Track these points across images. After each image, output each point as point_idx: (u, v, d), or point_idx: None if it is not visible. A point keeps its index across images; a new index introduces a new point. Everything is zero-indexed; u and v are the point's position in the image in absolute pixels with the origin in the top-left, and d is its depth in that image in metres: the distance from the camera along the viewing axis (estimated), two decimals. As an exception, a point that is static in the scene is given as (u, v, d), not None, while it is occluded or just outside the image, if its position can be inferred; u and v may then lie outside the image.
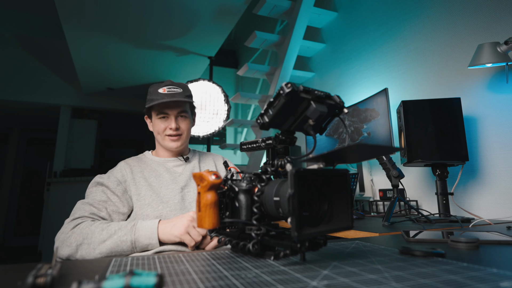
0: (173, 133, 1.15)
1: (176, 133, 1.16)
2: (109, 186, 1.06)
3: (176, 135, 1.16)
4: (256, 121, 0.57)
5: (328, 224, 0.52)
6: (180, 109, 1.15)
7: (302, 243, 0.50)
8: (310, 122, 0.54)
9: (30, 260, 4.61)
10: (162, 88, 1.13)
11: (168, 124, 1.15)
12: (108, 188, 1.06)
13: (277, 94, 0.52)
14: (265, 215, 0.56)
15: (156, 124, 1.17)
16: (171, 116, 1.15)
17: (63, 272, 0.49)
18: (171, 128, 1.15)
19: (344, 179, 0.52)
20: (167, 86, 1.14)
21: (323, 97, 0.55)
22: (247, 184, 0.59)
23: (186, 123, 1.19)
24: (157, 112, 1.15)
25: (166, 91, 1.12)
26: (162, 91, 1.12)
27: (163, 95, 1.11)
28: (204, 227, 0.58)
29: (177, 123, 1.16)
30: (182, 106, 1.16)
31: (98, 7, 2.74)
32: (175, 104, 1.14)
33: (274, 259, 0.53)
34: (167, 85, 1.15)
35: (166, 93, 1.12)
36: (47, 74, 4.89)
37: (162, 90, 1.13)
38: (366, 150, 0.54)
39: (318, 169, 0.50)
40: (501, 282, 0.39)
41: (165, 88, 1.13)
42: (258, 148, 0.65)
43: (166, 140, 1.17)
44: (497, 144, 1.38)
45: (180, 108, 1.15)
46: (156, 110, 1.16)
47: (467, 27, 1.55)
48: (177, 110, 1.15)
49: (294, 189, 0.44)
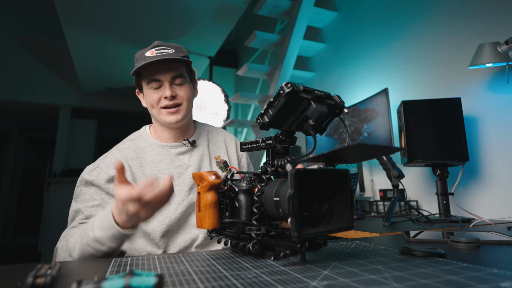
0: (169, 103, 0.92)
1: (174, 102, 0.93)
2: (101, 186, 0.88)
3: (174, 106, 0.93)
4: (256, 121, 0.57)
5: (328, 224, 0.52)
6: (175, 72, 0.92)
7: (302, 243, 0.50)
8: (310, 122, 0.54)
9: (30, 260, 4.61)
10: (149, 51, 0.91)
11: (162, 93, 0.92)
12: (99, 187, 0.88)
13: (277, 94, 0.52)
14: (265, 215, 0.56)
15: (148, 96, 0.94)
16: (165, 83, 0.92)
17: (63, 272, 0.49)
18: (166, 97, 0.92)
19: (344, 179, 0.52)
20: (156, 48, 0.92)
21: (323, 97, 0.55)
22: (247, 184, 0.59)
23: (184, 90, 0.95)
24: (147, 79, 0.93)
25: (155, 53, 0.90)
26: (150, 54, 0.90)
27: (151, 58, 0.89)
28: (204, 227, 0.57)
29: (173, 90, 0.93)
30: (177, 69, 0.93)
31: (98, 7, 2.73)
32: (168, 66, 0.91)
33: (274, 259, 0.53)
34: (155, 46, 0.92)
35: (155, 55, 0.89)
36: (47, 74, 4.88)
37: (149, 53, 0.90)
38: (366, 150, 0.54)
39: (318, 169, 0.50)
40: (501, 282, 0.39)
41: (153, 50, 0.91)
42: (258, 148, 0.65)
43: (162, 114, 0.94)
44: (498, 144, 1.38)
45: (175, 71, 0.92)
46: (145, 78, 0.93)
47: (467, 27, 1.55)
48: (171, 74, 0.92)
49: (294, 189, 0.44)
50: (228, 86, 4.83)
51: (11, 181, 6.04)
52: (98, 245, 0.67)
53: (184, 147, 1.00)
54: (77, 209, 0.86)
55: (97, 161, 0.94)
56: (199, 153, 1.01)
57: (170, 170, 0.95)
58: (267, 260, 0.54)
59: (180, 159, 0.98)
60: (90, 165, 0.93)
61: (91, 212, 0.85)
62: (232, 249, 0.64)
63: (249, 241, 0.56)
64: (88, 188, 0.89)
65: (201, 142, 1.04)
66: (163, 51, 0.91)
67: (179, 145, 0.99)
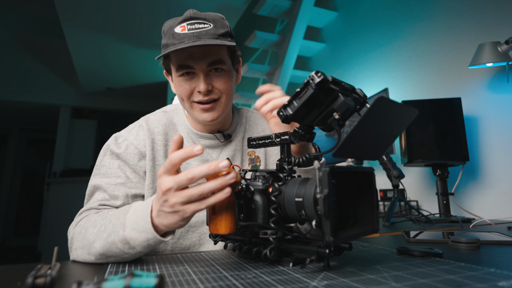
0: (203, 99, 0.75)
1: (209, 98, 0.75)
2: (128, 161, 0.77)
3: (210, 102, 0.76)
4: (278, 114, 0.50)
5: (354, 226, 0.48)
6: (212, 58, 0.74)
7: (330, 248, 0.45)
8: (336, 116, 0.49)
9: (30, 260, 4.61)
10: (180, 25, 0.73)
11: (195, 84, 0.75)
12: (126, 163, 0.77)
13: (304, 84, 0.47)
14: (282, 217, 0.51)
15: (177, 85, 0.77)
16: (199, 72, 0.74)
17: (63, 273, 0.49)
18: (199, 91, 0.74)
19: (370, 178, 0.48)
20: (188, 22, 0.73)
21: (349, 90, 0.51)
22: (263, 184, 0.52)
23: (224, 81, 0.76)
24: (176, 65, 0.75)
25: (186, 30, 0.72)
26: (181, 29, 0.72)
27: (181, 37, 0.71)
28: (220, 232, 0.50)
29: (209, 82, 0.75)
30: (216, 53, 0.74)
31: (98, 7, 2.74)
32: (204, 50, 0.73)
33: (293, 265, 0.48)
34: (187, 20, 0.73)
35: (186, 32, 0.72)
36: (47, 74, 4.89)
37: (179, 28, 0.72)
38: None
39: (346, 167, 0.46)
40: (499, 281, 0.39)
41: (185, 25, 0.72)
42: (272, 144, 0.57)
43: (195, 110, 0.78)
44: (498, 144, 1.38)
45: (212, 56, 0.74)
46: (174, 62, 0.75)
47: (467, 27, 1.55)
48: (208, 61, 0.73)
49: (329, 189, 0.41)
50: (228, 86, 4.82)
51: (11, 181, 6.04)
52: (126, 248, 0.55)
53: (216, 140, 0.85)
54: (97, 185, 0.75)
55: (124, 132, 0.83)
56: (232, 148, 0.87)
57: (194, 162, 0.82)
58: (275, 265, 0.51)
59: (209, 153, 0.85)
60: (116, 134, 0.82)
61: (113, 191, 0.74)
62: (240, 255, 0.58)
63: (263, 246, 0.51)
64: (113, 160, 0.77)
65: (236, 134, 0.88)
66: (198, 27, 0.72)
67: (211, 137, 0.85)
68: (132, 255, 0.57)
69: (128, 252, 0.56)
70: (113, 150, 0.78)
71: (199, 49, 0.72)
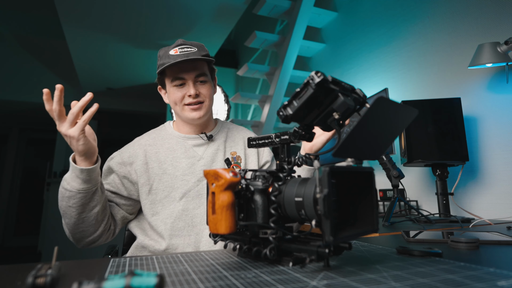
0: (192, 101, 0.99)
1: (197, 100, 0.99)
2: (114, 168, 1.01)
3: (197, 103, 1.00)
4: (278, 114, 0.51)
5: (353, 226, 0.49)
6: (198, 71, 0.99)
7: (330, 248, 0.46)
8: (336, 116, 0.49)
9: (30, 260, 4.61)
10: (173, 49, 0.97)
11: (186, 91, 0.99)
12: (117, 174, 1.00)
13: (304, 84, 0.47)
14: (282, 217, 0.52)
15: (171, 93, 1.01)
16: (188, 81, 0.99)
17: (63, 272, 0.49)
18: (190, 95, 0.98)
19: (369, 177, 0.48)
20: (179, 46, 0.98)
21: (349, 90, 0.51)
22: (263, 183, 0.53)
23: (207, 88, 1.02)
24: (171, 77, 0.99)
25: (178, 52, 0.96)
26: (174, 52, 0.97)
27: (175, 57, 0.95)
28: (220, 232, 0.50)
29: (196, 88, 0.99)
30: (200, 68, 1.00)
31: (98, 7, 2.74)
32: (192, 65, 0.98)
33: (293, 265, 0.49)
34: (178, 45, 0.99)
35: (179, 54, 0.96)
36: (47, 74, 4.89)
37: (173, 51, 0.97)
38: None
39: (346, 167, 0.46)
40: (498, 281, 0.39)
41: (177, 49, 0.97)
42: (271, 144, 0.58)
43: (185, 111, 1.01)
44: (497, 144, 1.38)
45: (198, 70, 0.99)
46: (169, 76, 1.00)
47: (467, 27, 1.55)
48: (195, 73, 0.99)
49: (329, 188, 0.41)
50: (228, 86, 4.83)
51: (11, 181, 6.04)
52: (65, 183, 0.86)
53: (201, 140, 1.05)
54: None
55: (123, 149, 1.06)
56: (215, 147, 1.06)
57: (183, 159, 1.01)
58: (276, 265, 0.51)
59: (195, 150, 1.03)
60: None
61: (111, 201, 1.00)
62: (240, 255, 0.59)
63: (263, 246, 0.51)
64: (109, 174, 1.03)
65: (218, 137, 1.09)
66: (186, 50, 0.97)
67: (196, 137, 1.05)
68: (70, 192, 0.86)
69: (66, 188, 0.87)
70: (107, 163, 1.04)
71: (189, 65, 0.97)
